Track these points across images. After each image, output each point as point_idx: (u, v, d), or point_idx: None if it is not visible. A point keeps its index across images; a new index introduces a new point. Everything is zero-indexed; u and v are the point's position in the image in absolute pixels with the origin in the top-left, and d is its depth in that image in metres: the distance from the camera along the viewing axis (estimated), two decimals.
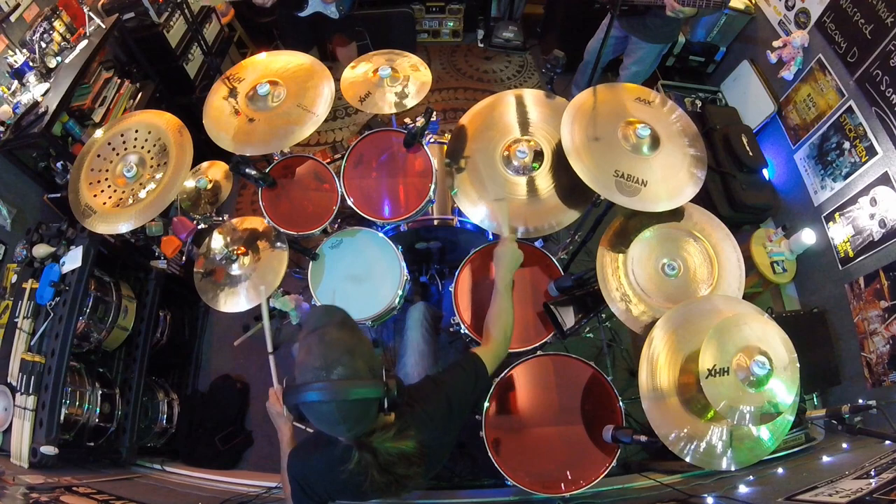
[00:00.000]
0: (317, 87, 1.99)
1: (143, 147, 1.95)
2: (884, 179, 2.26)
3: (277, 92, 1.98)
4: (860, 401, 1.58)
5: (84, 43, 2.56)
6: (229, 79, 2.04)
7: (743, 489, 1.72)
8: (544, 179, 1.90)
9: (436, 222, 2.14)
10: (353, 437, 1.10)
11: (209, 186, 2.21)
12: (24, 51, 2.44)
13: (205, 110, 1.99)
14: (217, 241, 2.05)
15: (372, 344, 1.19)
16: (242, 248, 2.01)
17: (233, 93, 2.01)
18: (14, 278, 2.08)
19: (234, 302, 1.96)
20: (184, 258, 2.17)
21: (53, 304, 1.96)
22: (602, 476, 1.66)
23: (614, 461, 1.67)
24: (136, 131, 1.97)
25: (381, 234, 2.06)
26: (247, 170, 1.82)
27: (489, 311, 1.57)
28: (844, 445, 1.97)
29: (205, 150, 2.06)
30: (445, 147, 2.04)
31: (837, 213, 2.50)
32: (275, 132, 1.89)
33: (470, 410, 1.37)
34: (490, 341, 1.49)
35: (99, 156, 1.94)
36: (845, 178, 2.46)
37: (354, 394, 1.03)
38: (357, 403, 1.04)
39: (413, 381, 1.76)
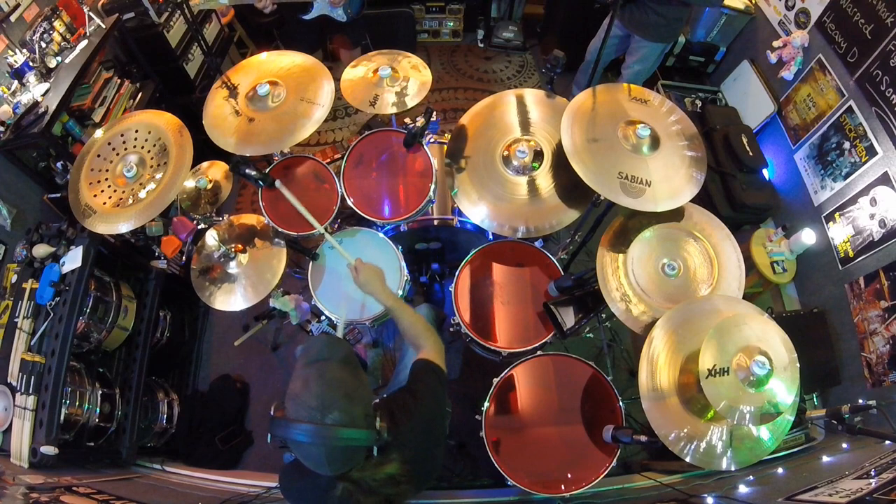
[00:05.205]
0: (317, 86, 1.99)
1: (143, 147, 1.95)
2: (884, 179, 2.26)
3: (277, 92, 1.98)
4: (860, 401, 1.58)
5: (84, 43, 2.56)
6: (228, 83, 2.04)
7: (743, 489, 1.72)
8: (544, 179, 1.90)
9: (436, 222, 2.14)
10: (334, 474, 1.08)
11: (209, 186, 2.21)
12: (24, 51, 2.44)
13: (205, 110, 1.99)
14: (212, 239, 2.05)
15: (370, 384, 1.17)
16: (240, 246, 2.01)
17: (233, 93, 2.01)
18: (14, 278, 2.08)
19: (231, 300, 1.96)
20: (184, 258, 2.17)
21: (53, 304, 1.96)
22: (602, 476, 1.66)
23: (614, 461, 1.67)
24: (136, 131, 1.97)
25: (381, 234, 2.06)
26: (247, 170, 1.82)
27: (401, 331, 1.57)
28: (844, 445, 1.97)
29: (205, 150, 2.06)
30: (445, 147, 2.05)
31: (837, 213, 2.50)
32: (283, 128, 1.90)
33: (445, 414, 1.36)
34: (425, 349, 1.44)
35: (99, 156, 1.94)
36: (845, 178, 2.46)
37: (346, 441, 1.01)
38: (346, 450, 1.03)
39: None
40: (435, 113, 2.04)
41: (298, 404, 1.02)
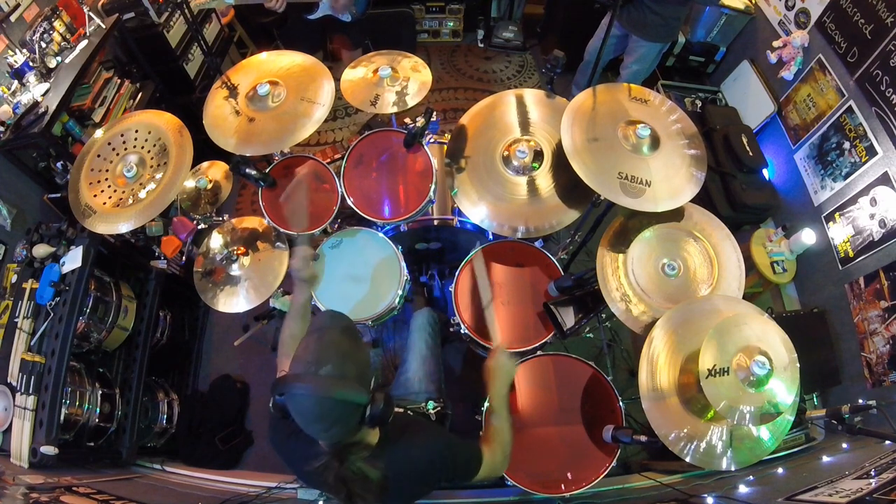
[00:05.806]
0: (317, 86, 1.99)
1: (143, 147, 1.95)
2: (884, 179, 2.26)
3: (277, 92, 1.98)
4: (860, 401, 1.57)
5: (84, 43, 2.55)
6: (228, 83, 2.03)
7: (743, 489, 1.72)
8: (544, 179, 1.90)
9: (436, 222, 2.14)
10: (328, 439, 1.10)
11: (209, 186, 2.21)
12: (24, 51, 2.43)
13: (205, 110, 1.99)
14: (216, 241, 2.05)
15: (370, 358, 1.18)
16: (242, 249, 2.01)
17: (233, 93, 2.01)
18: (14, 278, 2.08)
19: (233, 302, 1.96)
20: (184, 258, 2.17)
21: (53, 304, 1.96)
22: (602, 476, 1.66)
23: (614, 461, 1.67)
24: (136, 131, 1.97)
25: (381, 235, 2.06)
26: (247, 170, 1.82)
27: (485, 430, 1.47)
28: (844, 445, 1.97)
29: (205, 150, 2.06)
30: (445, 147, 2.05)
31: (837, 213, 2.50)
32: (283, 128, 1.90)
33: (439, 485, 1.33)
34: (490, 452, 1.38)
35: (99, 156, 1.94)
36: (845, 178, 2.46)
37: (338, 393, 1.03)
38: (338, 404, 1.04)
39: (414, 385, 1.77)
40: (435, 113, 2.04)
41: (297, 363, 1.07)
